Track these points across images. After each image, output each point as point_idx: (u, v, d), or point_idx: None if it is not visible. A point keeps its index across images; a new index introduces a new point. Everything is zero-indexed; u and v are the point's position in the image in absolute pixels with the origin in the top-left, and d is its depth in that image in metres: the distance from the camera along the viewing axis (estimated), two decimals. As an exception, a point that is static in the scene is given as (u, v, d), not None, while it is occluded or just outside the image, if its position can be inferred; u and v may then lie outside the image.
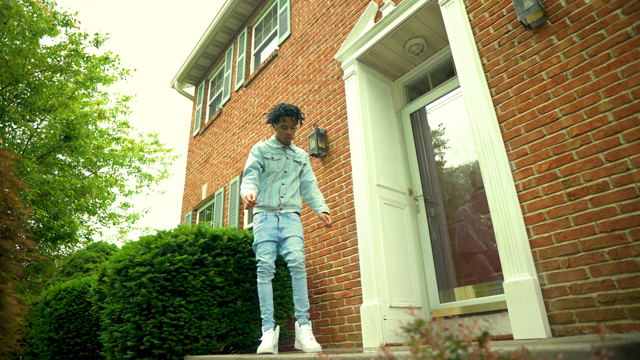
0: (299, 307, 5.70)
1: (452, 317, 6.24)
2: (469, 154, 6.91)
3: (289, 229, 5.91)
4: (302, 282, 5.76)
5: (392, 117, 7.98)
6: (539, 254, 4.65)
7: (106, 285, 6.75)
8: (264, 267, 5.70)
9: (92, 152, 20.26)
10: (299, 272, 5.75)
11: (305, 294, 5.75)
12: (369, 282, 6.41)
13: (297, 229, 5.97)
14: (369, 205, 6.78)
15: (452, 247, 6.84)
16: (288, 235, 5.87)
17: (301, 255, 5.81)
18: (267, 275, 5.70)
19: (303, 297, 5.73)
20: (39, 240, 18.17)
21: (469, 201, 6.78)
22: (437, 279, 6.84)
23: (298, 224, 6.04)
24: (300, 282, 5.75)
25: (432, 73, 7.97)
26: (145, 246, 6.13)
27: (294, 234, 5.89)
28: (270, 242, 5.82)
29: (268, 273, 5.69)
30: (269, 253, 5.76)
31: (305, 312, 5.70)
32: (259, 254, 5.78)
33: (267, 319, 5.63)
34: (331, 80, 8.58)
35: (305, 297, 5.74)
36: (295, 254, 5.76)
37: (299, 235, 5.94)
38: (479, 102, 5.52)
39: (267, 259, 5.72)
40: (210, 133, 14.01)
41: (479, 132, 5.41)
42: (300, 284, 5.75)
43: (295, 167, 6.27)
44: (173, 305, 5.73)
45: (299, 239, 5.91)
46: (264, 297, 5.67)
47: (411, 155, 7.70)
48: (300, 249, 5.84)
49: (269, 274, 5.70)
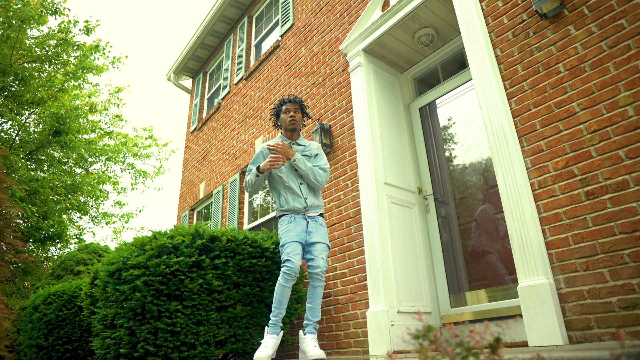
0: (310, 316, 5.70)
1: (463, 322, 6.25)
2: (482, 150, 6.92)
3: (317, 235, 5.87)
4: (319, 291, 5.77)
5: (400, 111, 7.99)
6: (555, 256, 4.65)
7: (98, 288, 6.75)
8: (292, 269, 5.57)
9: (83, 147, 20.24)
10: (319, 280, 5.73)
11: (319, 304, 5.76)
12: (375, 286, 6.42)
13: (324, 235, 5.95)
14: (376, 204, 6.79)
15: (464, 248, 6.84)
16: (316, 241, 5.83)
17: (325, 263, 5.77)
18: (292, 279, 5.60)
19: (316, 306, 5.73)
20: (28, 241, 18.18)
21: (482, 200, 6.78)
22: (447, 283, 6.84)
23: (325, 230, 6.02)
24: (317, 291, 5.76)
25: (442, 65, 7.98)
26: (140, 248, 6.13)
27: (321, 241, 5.86)
28: (299, 243, 5.75)
29: (294, 276, 5.59)
30: (298, 254, 5.67)
31: (315, 322, 5.70)
32: (287, 254, 5.67)
33: (275, 322, 5.62)
34: (336, 73, 8.59)
35: (319, 307, 5.76)
36: (320, 261, 5.72)
37: (326, 242, 5.91)
38: (492, 95, 5.52)
39: (296, 260, 5.60)
40: (209, 128, 14.02)
41: (492, 128, 5.42)
42: (317, 292, 5.76)
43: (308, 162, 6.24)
44: (169, 310, 5.73)
45: (325, 246, 5.88)
46: (281, 300, 5.61)
47: (420, 151, 7.71)
48: (325, 258, 5.81)
49: (294, 277, 5.60)
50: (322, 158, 6.29)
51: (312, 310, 5.71)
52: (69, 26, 17.20)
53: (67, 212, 20.63)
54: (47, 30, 17.11)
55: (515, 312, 5.69)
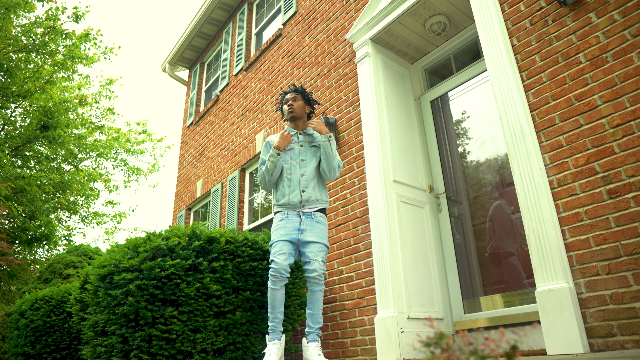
0: (311, 323, 5.68)
1: (478, 329, 6.25)
2: (497, 146, 6.92)
3: (312, 233, 5.82)
4: (318, 296, 5.73)
5: (411, 104, 7.99)
6: (575, 258, 4.65)
7: (89, 293, 6.76)
8: (277, 270, 5.57)
9: (72, 143, 20.29)
10: (317, 285, 5.70)
11: (320, 309, 5.74)
12: (384, 291, 6.43)
13: (321, 233, 5.88)
14: (385, 203, 6.79)
15: (478, 250, 6.84)
16: (310, 240, 5.77)
17: (321, 266, 5.71)
18: (280, 280, 5.57)
19: (317, 312, 5.71)
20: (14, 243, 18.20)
21: (497, 198, 6.78)
22: (460, 287, 6.85)
23: (323, 227, 5.96)
24: (316, 296, 5.72)
25: (455, 55, 7.97)
26: (133, 250, 6.14)
27: (316, 240, 5.79)
28: (288, 242, 5.73)
29: (280, 277, 5.57)
30: (284, 254, 5.64)
31: (317, 329, 5.69)
32: (273, 254, 5.68)
33: (274, 328, 5.61)
34: (342, 63, 8.59)
35: (320, 313, 5.74)
36: (315, 264, 5.66)
37: (322, 241, 5.84)
38: (508, 87, 5.52)
39: (280, 261, 5.58)
40: (206, 122, 14.03)
41: (508, 122, 5.42)
42: (316, 297, 5.72)
43: (314, 153, 6.20)
44: (164, 316, 5.74)
45: (321, 246, 5.82)
46: (273, 303, 5.60)
47: (432, 147, 7.71)
48: (322, 259, 5.75)
49: (281, 278, 5.57)
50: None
51: (312, 317, 5.70)
52: (57, 13, 17.15)
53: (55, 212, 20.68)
54: (34, 18, 17.10)
55: (533, 318, 5.68)
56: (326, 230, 6.00)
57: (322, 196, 6.10)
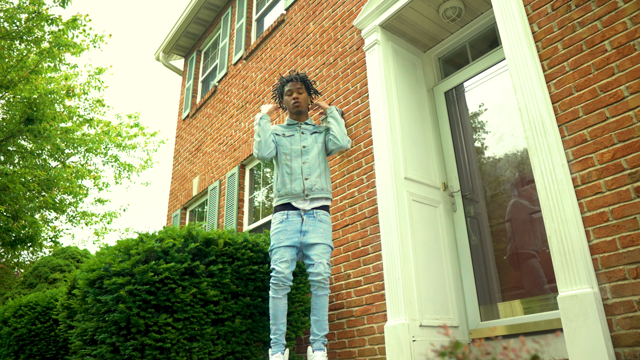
0: (316, 330, 5.66)
1: (495, 337, 6.26)
2: (516, 140, 6.92)
3: (315, 234, 5.81)
4: (323, 301, 5.71)
5: (423, 95, 8.00)
6: (600, 261, 4.64)
7: (77, 299, 6.77)
8: (278, 279, 5.61)
9: (59, 137, 20.28)
10: (322, 289, 5.68)
11: (325, 315, 5.72)
12: (395, 296, 6.43)
13: (324, 233, 5.88)
14: (395, 202, 6.79)
15: (496, 252, 6.84)
16: (313, 242, 5.76)
17: (327, 269, 5.70)
18: (282, 289, 5.61)
19: (322, 318, 5.69)
20: (-4, 245, 18.24)
21: (516, 196, 6.78)
22: (477, 292, 6.85)
23: (327, 226, 5.95)
24: (321, 300, 5.69)
25: (471, 43, 7.98)
26: (124, 252, 6.14)
27: (321, 241, 5.78)
28: (290, 247, 5.74)
29: (283, 286, 5.61)
30: (286, 261, 5.67)
31: (323, 336, 5.67)
32: (273, 262, 5.71)
33: (276, 340, 5.62)
34: (349, 52, 8.60)
35: (326, 319, 5.72)
36: (320, 267, 5.65)
37: (326, 243, 5.83)
38: (529, 77, 5.52)
39: (282, 269, 5.62)
40: (203, 115, 14.04)
41: (529, 114, 5.42)
42: (321, 302, 5.70)
43: (316, 139, 6.25)
44: (157, 324, 5.75)
45: (326, 247, 5.81)
46: (275, 314, 5.63)
47: (446, 142, 7.72)
48: (327, 261, 5.73)
49: (284, 287, 5.61)
50: None
51: (317, 323, 5.68)
52: (42, -4, 17.13)
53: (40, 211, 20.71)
54: (18, 2, 17.05)
55: (555, 325, 5.68)
56: (330, 229, 6.00)
57: (326, 186, 6.12)
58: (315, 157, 6.13)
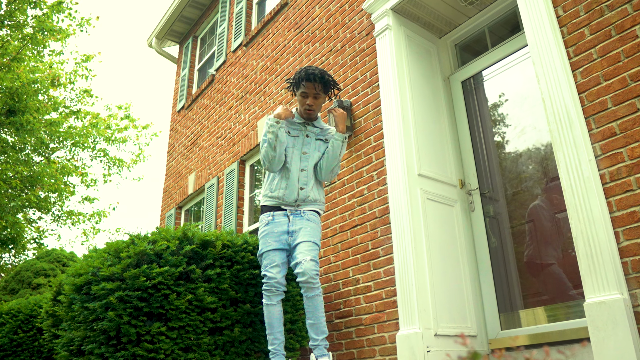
0: (314, 335, 5.62)
1: (517, 348, 6.25)
2: (540, 134, 6.91)
3: (301, 233, 5.81)
4: (315, 302, 5.64)
5: (439, 85, 7.99)
6: (631, 265, 4.64)
7: (62, 306, 6.78)
8: (270, 284, 5.63)
9: (43, 130, 20.27)
10: (311, 289, 5.60)
11: (321, 316, 5.66)
12: (407, 303, 6.42)
13: (311, 231, 5.87)
14: (408, 201, 6.78)
15: (517, 256, 6.84)
16: (298, 241, 5.77)
17: (312, 266, 5.61)
18: (275, 295, 5.62)
19: (318, 320, 5.63)
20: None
21: (540, 195, 6.77)
22: (497, 299, 6.85)
23: (314, 225, 5.96)
24: (313, 302, 5.63)
25: (490, 28, 7.96)
26: (114, 255, 6.16)
27: (305, 239, 5.77)
28: (279, 250, 5.75)
29: (276, 291, 5.62)
30: (277, 266, 5.68)
31: (323, 340, 5.61)
32: (264, 267, 5.72)
33: (275, 351, 5.62)
34: (358, 38, 8.59)
35: (322, 320, 5.66)
36: (305, 265, 5.57)
37: (311, 240, 5.81)
38: (553, 65, 5.52)
39: (274, 274, 5.64)
40: (200, 106, 14.05)
41: (553, 106, 5.42)
42: (313, 304, 5.63)
43: (318, 147, 6.24)
44: (150, 333, 5.76)
45: (311, 244, 5.77)
46: (270, 322, 5.63)
47: (463, 135, 7.72)
48: (312, 258, 5.66)
49: (277, 292, 5.63)
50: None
51: (314, 327, 5.62)
52: (24, -23, 17.11)
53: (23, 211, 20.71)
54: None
55: (581, 335, 5.66)
56: (319, 229, 6.02)
57: (320, 197, 6.18)
58: (313, 166, 6.18)
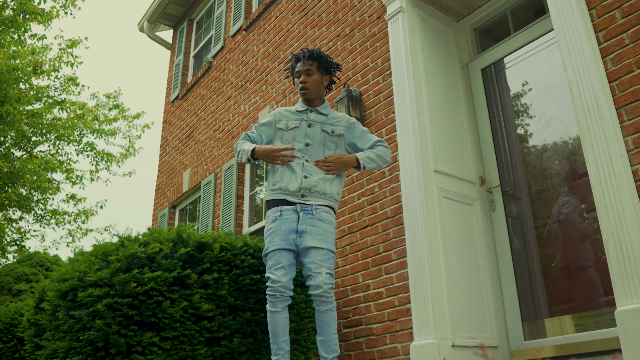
0: (324, 353, 5.49)
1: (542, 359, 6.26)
2: (567, 126, 6.91)
3: (313, 235, 5.59)
4: (328, 317, 5.52)
5: (457, 73, 8.00)
6: (666, 270, 4.64)
7: (46, 314, 6.78)
8: (274, 289, 5.46)
9: (24, 122, 20.26)
10: (324, 303, 5.48)
11: (334, 333, 5.53)
12: (422, 311, 6.41)
13: (325, 235, 5.65)
14: (423, 199, 6.77)
15: (542, 259, 6.83)
16: (310, 246, 5.55)
17: (328, 279, 5.48)
18: (280, 300, 5.46)
19: (330, 337, 5.51)
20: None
21: (567, 193, 6.76)
22: (520, 306, 6.85)
23: (328, 226, 5.73)
24: (325, 317, 5.51)
25: (513, 11, 7.95)
26: (102, 259, 6.14)
27: (319, 245, 5.56)
28: (286, 251, 5.58)
29: (280, 297, 5.45)
30: (282, 267, 5.50)
31: (334, 358, 5.51)
32: (268, 269, 5.57)
33: None
34: (368, 21, 8.58)
35: (334, 338, 5.53)
36: (319, 278, 5.44)
37: (326, 247, 5.60)
38: (581, 51, 5.51)
39: (278, 277, 5.45)
40: (195, 96, 14.06)
41: (581, 95, 5.41)
42: (325, 319, 5.51)
43: (325, 139, 6.01)
44: (141, 344, 5.76)
45: (325, 253, 5.58)
46: (275, 330, 5.49)
47: (483, 127, 7.73)
48: (327, 270, 5.51)
49: (282, 298, 5.46)
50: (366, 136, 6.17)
51: (324, 345, 5.49)
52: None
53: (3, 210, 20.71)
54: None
55: (612, 345, 5.65)
56: (333, 230, 5.81)
57: (332, 191, 5.90)
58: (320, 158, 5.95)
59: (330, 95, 8.68)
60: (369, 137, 6.13)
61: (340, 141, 6.06)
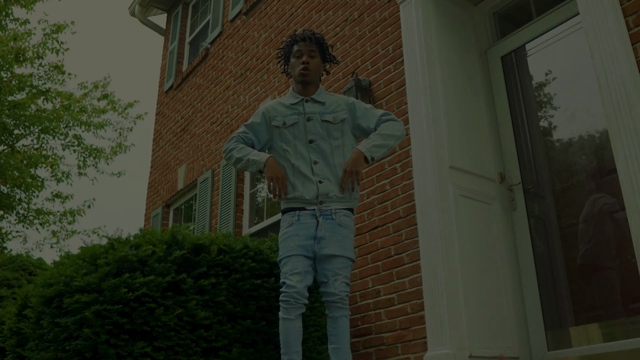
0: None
1: (567, 372, 6.26)
2: (594, 118, 6.90)
3: (332, 243, 5.55)
4: (341, 324, 5.50)
5: (474, 61, 8.00)
6: (700, 275, 4.64)
7: (29, 322, 6.77)
8: (289, 295, 5.39)
9: (6, 113, 20.28)
10: (339, 309, 5.48)
11: (347, 341, 5.52)
12: (437, 318, 6.41)
13: (344, 242, 5.62)
14: (438, 198, 6.78)
15: (567, 262, 6.81)
16: (330, 254, 5.51)
17: (344, 288, 5.50)
18: (294, 308, 5.39)
19: (343, 345, 5.49)
20: None
21: (594, 190, 6.74)
22: (543, 313, 6.84)
23: (347, 232, 5.70)
24: (339, 323, 5.49)
25: (536, -8, 7.95)
26: (90, 262, 6.14)
27: (339, 253, 5.53)
28: (302, 257, 5.51)
29: (295, 304, 5.38)
30: (298, 273, 5.43)
31: None
32: (283, 275, 5.51)
33: None
34: (379, 5, 8.57)
35: (347, 346, 5.52)
36: (336, 286, 5.45)
37: (346, 254, 5.58)
38: (609, 37, 5.51)
39: (294, 282, 5.39)
40: (191, 86, 14.06)
41: (609, 85, 5.40)
42: (339, 325, 5.49)
43: (329, 129, 5.91)
44: (133, 354, 5.75)
45: (344, 261, 5.56)
46: (287, 339, 5.43)
47: (503, 120, 7.72)
48: (344, 279, 5.51)
49: (296, 305, 5.39)
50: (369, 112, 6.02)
51: (338, 353, 5.45)
52: None
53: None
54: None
55: (644, 356, 5.67)
56: (352, 236, 5.79)
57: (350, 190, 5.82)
58: (329, 153, 5.84)
59: (338, 85, 8.69)
60: (373, 114, 6.00)
61: (345, 126, 5.96)
